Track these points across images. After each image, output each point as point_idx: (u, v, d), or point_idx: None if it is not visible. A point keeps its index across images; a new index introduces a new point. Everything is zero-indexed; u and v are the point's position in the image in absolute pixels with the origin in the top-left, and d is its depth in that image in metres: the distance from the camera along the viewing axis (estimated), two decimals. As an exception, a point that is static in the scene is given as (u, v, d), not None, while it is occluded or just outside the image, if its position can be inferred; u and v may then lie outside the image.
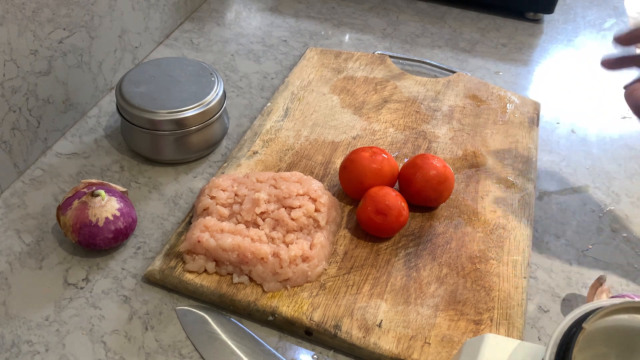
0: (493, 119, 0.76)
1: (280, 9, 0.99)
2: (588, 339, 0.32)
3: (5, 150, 0.62)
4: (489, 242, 0.60)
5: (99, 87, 0.75)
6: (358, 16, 0.99)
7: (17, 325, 0.51)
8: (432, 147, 0.71)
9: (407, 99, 0.78)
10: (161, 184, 0.66)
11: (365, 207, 0.58)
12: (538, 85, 0.87)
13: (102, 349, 0.50)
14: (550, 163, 0.73)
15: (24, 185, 0.64)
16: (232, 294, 0.53)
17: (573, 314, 0.33)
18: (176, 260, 0.55)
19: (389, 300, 0.54)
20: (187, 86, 0.66)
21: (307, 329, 0.51)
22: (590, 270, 0.60)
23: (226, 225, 0.55)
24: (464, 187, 0.66)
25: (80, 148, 0.69)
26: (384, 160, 0.61)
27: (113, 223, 0.55)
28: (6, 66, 0.59)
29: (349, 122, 0.74)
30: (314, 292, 0.54)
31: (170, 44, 0.88)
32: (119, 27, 0.76)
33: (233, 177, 0.60)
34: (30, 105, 0.63)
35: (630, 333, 0.33)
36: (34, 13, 0.60)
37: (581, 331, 0.31)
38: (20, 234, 0.59)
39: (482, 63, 0.90)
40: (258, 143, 0.69)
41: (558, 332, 0.32)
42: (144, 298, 0.54)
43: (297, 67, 0.83)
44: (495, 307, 0.54)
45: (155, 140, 0.65)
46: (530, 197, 0.65)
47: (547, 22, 1.02)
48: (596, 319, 0.32)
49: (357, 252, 0.58)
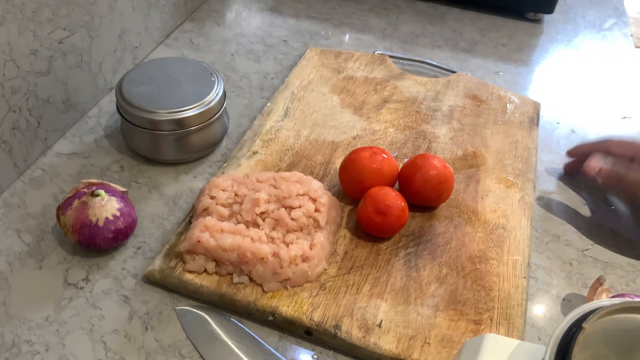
0: (493, 119, 0.76)
1: (280, 9, 0.99)
2: (588, 339, 0.32)
3: (5, 150, 0.62)
4: (489, 242, 0.60)
5: (99, 87, 0.75)
6: (358, 16, 0.99)
7: (17, 325, 0.51)
8: (432, 147, 0.71)
9: (407, 99, 0.78)
10: (161, 184, 0.66)
11: (365, 207, 0.58)
12: (538, 85, 0.87)
13: (102, 349, 0.50)
14: (550, 163, 0.73)
15: (24, 185, 0.64)
16: (232, 294, 0.53)
17: (573, 314, 0.33)
18: (176, 260, 0.55)
19: (389, 300, 0.54)
20: (187, 86, 0.66)
21: (307, 329, 0.51)
22: (590, 270, 0.60)
23: (226, 225, 0.55)
24: (464, 187, 0.66)
25: (80, 148, 0.69)
26: (384, 160, 0.61)
27: (113, 223, 0.55)
28: (6, 66, 0.59)
29: (349, 122, 0.74)
30: (314, 292, 0.54)
31: (170, 44, 0.88)
32: (119, 27, 0.76)
33: (233, 177, 0.60)
34: (30, 105, 0.63)
35: (630, 333, 0.33)
36: (34, 13, 0.60)
37: (581, 331, 0.31)
38: (20, 234, 0.59)
39: (482, 63, 0.90)
40: (258, 143, 0.69)
41: (558, 332, 0.32)
42: (144, 298, 0.54)
43: (297, 67, 0.83)
44: (495, 307, 0.54)
45: (155, 140, 0.65)
46: (530, 197, 0.65)
47: (547, 22, 1.02)
48: (596, 319, 0.32)
49: (357, 252, 0.58)
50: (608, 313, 0.32)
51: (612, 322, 0.33)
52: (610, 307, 0.32)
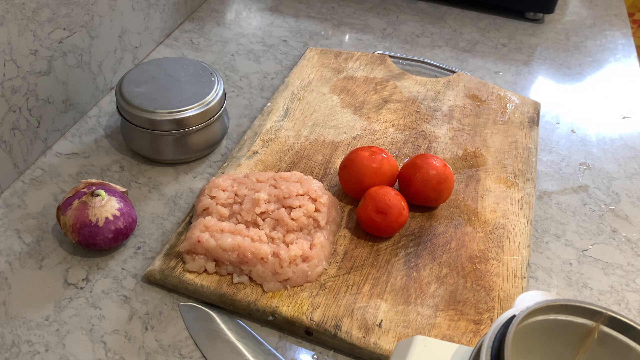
0: (493, 119, 0.76)
1: (280, 9, 0.99)
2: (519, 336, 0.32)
3: (5, 150, 0.62)
4: (489, 242, 0.60)
5: (99, 87, 0.75)
6: (358, 16, 0.99)
7: (17, 325, 0.51)
8: (432, 147, 0.71)
9: (407, 99, 0.78)
10: (161, 184, 0.66)
11: (366, 206, 0.58)
12: (538, 85, 0.87)
13: (102, 349, 0.50)
14: (550, 163, 0.73)
15: (24, 185, 0.64)
16: (232, 294, 0.53)
17: (497, 322, 0.33)
18: (176, 260, 0.55)
19: (389, 300, 0.54)
20: (187, 86, 0.66)
21: (307, 329, 0.51)
22: (590, 270, 0.60)
23: (226, 225, 0.55)
24: (464, 187, 0.66)
25: (80, 148, 0.69)
26: (384, 160, 0.61)
27: (113, 223, 0.55)
28: (6, 66, 0.59)
29: (349, 122, 0.74)
30: (314, 292, 0.54)
31: (170, 44, 0.88)
32: (119, 27, 0.76)
33: (233, 177, 0.60)
34: (30, 105, 0.63)
35: (549, 331, 0.34)
36: (34, 13, 0.60)
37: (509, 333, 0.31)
38: (20, 234, 0.59)
39: (482, 63, 0.90)
40: (258, 143, 0.69)
41: (491, 333, 0.32)
42: (144, 298, 0.54)
43: (297, 67, 0.83)
44: (495, 307, 0.54)
45: (155, 140, 0.65)
46: (530, 197, 0.65)
47: (547, 22, 1.02)
48: (520, 322, 0.32)
49: (357, 252, 0.58)
50: (527, 316, 0.32)
51: (533, 324, 0.33)
52: (526, 311, 0.32)
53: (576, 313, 0.33)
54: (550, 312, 0.33)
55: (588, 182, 0.71)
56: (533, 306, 0.32)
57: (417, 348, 0.37)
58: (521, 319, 0.31)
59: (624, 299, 0.58)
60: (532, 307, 0.32)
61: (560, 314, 0.34)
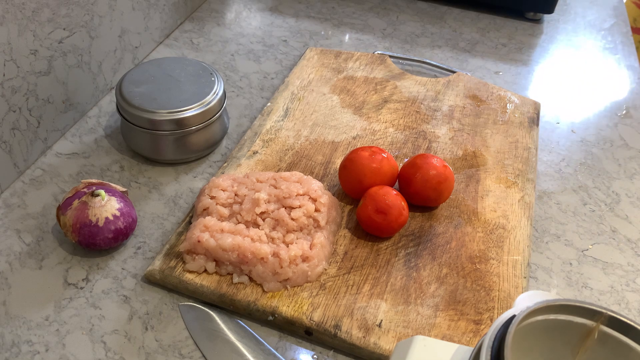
0: (493, 119, 0.76)
1: (280, 9, 0.99)
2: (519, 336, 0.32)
3: (5, 150, 0.62)
4: (489, 242, 0.60)
5: (99, 87, 0.75)
6: (358, 16, 0.99)
7: (17, 325, 0.51)
8: (432, 147, 0.71)
9: (407, 99, 0.78)
10: (161, 184, 0.66)
11: (366, 206, 0.58)
12: (538, 85, 0.87)
13: (102, 348, 0.50)
14: (550, 163, 0.73)
15: (24, 185, 0.64)
16: (232, 294, 0.53)
17: (497, 323, 0.33)
18: (176, 260, 0.55)
19: (389, 300, 0.54)
20: (187, 86, 0.66)
21: (307, 328, 0.51)
22: (590, 270, 0.60)
23: (226, 225, 0.55)
24: (464, 187, 0.66)
25: (80, 148, 0.69)
26: (383, 160, 0.61)
27: (113, 223, 0.55)
28: (6, 66, 0.59)
29: (349, 122, 0.74)
30: (314, 292, 0.54)
31: (170, 44, 0.88)
32: (119, 27, 0.76)
33: (233, 177, 0.60)
34: (30, 105, 0.63)
35: (549, 331, 0.34)
36: (34, 13, 0.60)
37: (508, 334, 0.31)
38: (20, 234, 0.59)
39: (482, 63, 0.90)
40: (258, 143, 0.69)
41: (491, 333, 0.32)
42: (144, 298, 0.54)
43: (297, 67, 0.83)
44: (495, 307, 0.54)
45: (155, 140, 0.65)
46: (530, 197, 0.65)
47: (547, 22, 1.02)
48: (519, 324, 0.32)
49: (357, 252, 0.58)
50: (529, 315, 0.32)
51: (533, 324, 0.33)
52: (526, 311, 0.32)
53: (576, 313, 0.33)
54: (550, 312, 0.33)
55: (588, 182, 0.71)
56: (533, 306, 0.32)
57: (417, 348, 0.37)
58: (521, 319, 0.31)
59: (624, 299, 0.58)
60: (532, 307, 0.32)
61: (560, 314, 0.34)
